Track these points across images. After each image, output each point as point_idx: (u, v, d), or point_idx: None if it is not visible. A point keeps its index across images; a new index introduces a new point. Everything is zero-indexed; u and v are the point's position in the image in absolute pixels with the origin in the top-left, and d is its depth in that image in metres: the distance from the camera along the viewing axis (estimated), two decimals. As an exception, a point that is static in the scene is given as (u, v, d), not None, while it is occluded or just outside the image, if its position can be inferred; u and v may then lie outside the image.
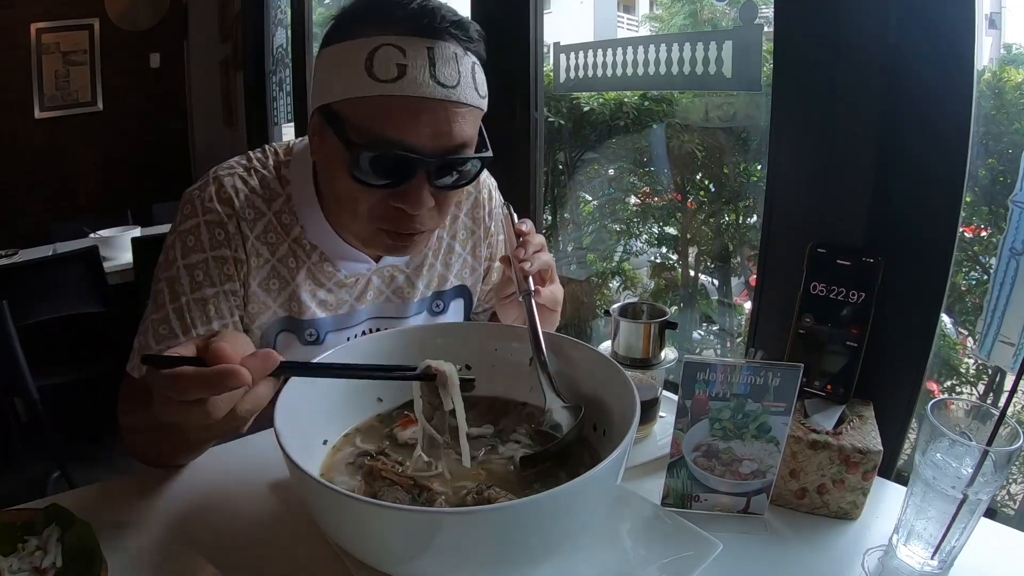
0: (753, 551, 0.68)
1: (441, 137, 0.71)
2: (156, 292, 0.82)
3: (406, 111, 0.69)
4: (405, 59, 0.69)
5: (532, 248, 0.81)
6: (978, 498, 0.58)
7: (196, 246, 0.80)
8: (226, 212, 0.81)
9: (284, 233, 0.85)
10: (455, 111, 0.71)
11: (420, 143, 0.70)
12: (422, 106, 0.69)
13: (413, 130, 0.70)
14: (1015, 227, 0.81)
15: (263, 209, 0.84)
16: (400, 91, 0.68)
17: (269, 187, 0.85)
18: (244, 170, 0.85)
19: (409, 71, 0.68)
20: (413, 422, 0.72)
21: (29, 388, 1.88)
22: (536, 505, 0.50)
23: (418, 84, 0.69)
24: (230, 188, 0.82)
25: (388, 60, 0.68)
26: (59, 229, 2.97)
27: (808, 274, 0.88)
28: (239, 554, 0.65)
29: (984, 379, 1.40)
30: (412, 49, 0.69)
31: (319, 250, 0.87)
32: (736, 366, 0.66)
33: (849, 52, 0.89)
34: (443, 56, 0.70)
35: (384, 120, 0.69)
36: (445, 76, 0.70)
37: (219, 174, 0.84)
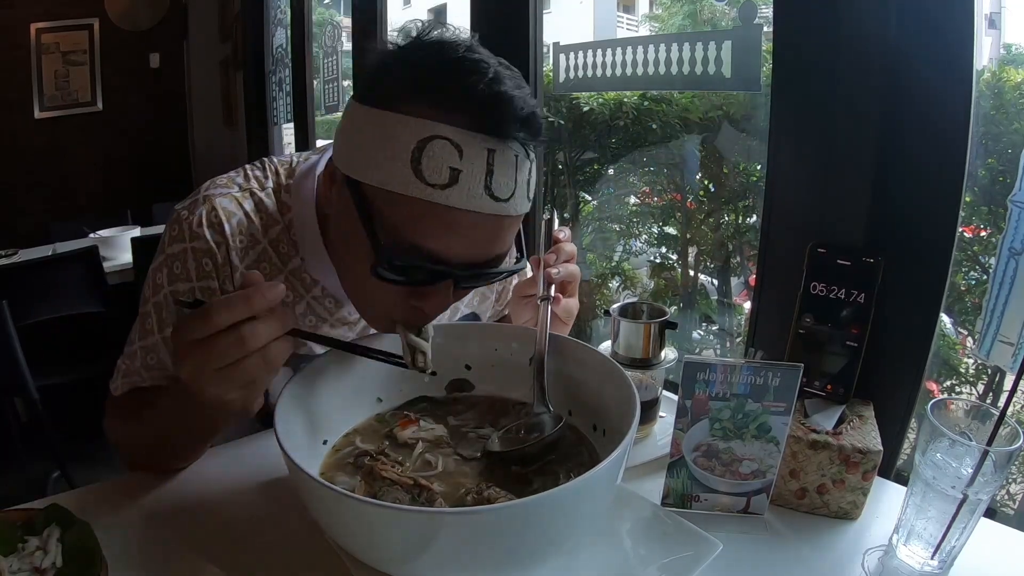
0: (753, 551, 0.68)
1: (480, 251, 0.63)
2: (144, 315, 0.80)
3: (449, 224, 0.60)
4: (460, 163, 0.58)
5: (563, 256, 0.80)
6: (978, 498, 0.58)
7: (182, 274, 0.77)
8: (215, 240, 0.75)
9: (280, 263, 0.79)
10: (503, 224, 0.63)
11: (457, 257, 0.62)
12: (467, 221, 0.60)
13: (453, 245, 0.61)
14: (1014, 227, 0.81)
15: (257, 237, 0.78)
16: (447, 201, 0.58)
17: (266, 212, 0.78)
18: (239, 191, 0.79)
19: (463, 179, 0.58)
20: (413, 422, 0.72)
21: (29, 388, 1.88)
22: (536, 505, 0.50)
23: (469, 196, 0.59)
24: (222, 212, 0.76)
25: (441, 160, 0.57)
26: (59, 229, 2.97)
27: (808, 274, 0.88)
28: (239, 554, 0.65)
29: (984, 379, 1.40)
30: (470, 150, 0.58)
31: (320, 285, 0.81)
32: (736, 366, 0.66)
33: (849, 52, 0.89)
34: (503, 163, 0.60)
35: (422, 229, 0.60)
36: (500, 188, 0.60)
37: (211, 194, 0.78)
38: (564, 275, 0.80)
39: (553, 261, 0.79)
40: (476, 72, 0.58)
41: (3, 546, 0.59)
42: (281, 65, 3.22)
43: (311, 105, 2.96)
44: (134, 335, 0.81)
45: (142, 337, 0.80)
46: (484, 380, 0.80)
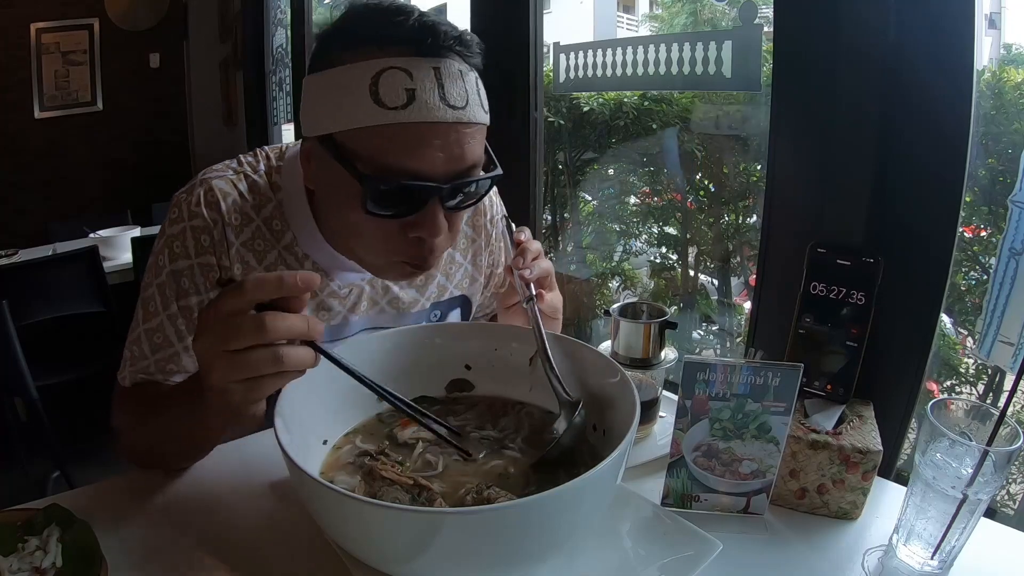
0: (753, 551, 0.68)
1: (453, 161, 0.68)
2: (146, 299, 0.81)
3: (418, 138, 0.66)
4: (413, 82, 0.65)
5: (530, 255, 0.81)
6: (978, 498, 0.58)
7: (182, 252, 0.79)
8: (212, 217, 0.79)
9: (274, 240, 0.83)
10: (465, 132, 0.68)
11: (434, 170, 0.67)
12: (434, 131, 0.66)
13: (428, 157, 0.66)
14: (1015, 227, 0.81)
15: (251, 215, 0.82)
16: (410, 118, 0.65)
17: (259, 192, 0.82)
18: (234, 173, 0.83)
19: (418, 95, 0.65)
20: (413, 422, 0.72)
21: (29, 388, 1.87)
22: (536, 505, 0.50)
23: (429, 108, 0.65)
24: (217, 192, 0.80)
25: (395, 85, 0.64)
26: (59, 229, 2.97)
27: (808, 274, 0.88)
28: (239, 554, 0.65)
29: (984, 379, 1.40)
30: (418, 71, 0.65)
31: (311, 260, 0.84)
32: (736, 366, 0.66)
33: (849, 52, 0.89)
34: (450, 75, 0.67)
35: (396, 150, 0.66)
36: (454, 97, 0.67)
37: (207, 177, 0.82)
38: (538, 272, 0.80)
39: (522, 264, 0.79)
40: (404, 12, 0.67)
41: (3, 546, 0.59)
42: (281, 65, 3.22)
43: (311, 105, 2.96)
44: (137, 320, 0.82)
45: (146, 320, 0.81)
46: (484, 380, 0.80)
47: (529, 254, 0.80)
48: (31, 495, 0.73)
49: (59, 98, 3.62)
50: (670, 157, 2.03)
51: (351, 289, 0.89)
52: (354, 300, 0.89)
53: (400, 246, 0.72)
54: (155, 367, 0.81)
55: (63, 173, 3.67)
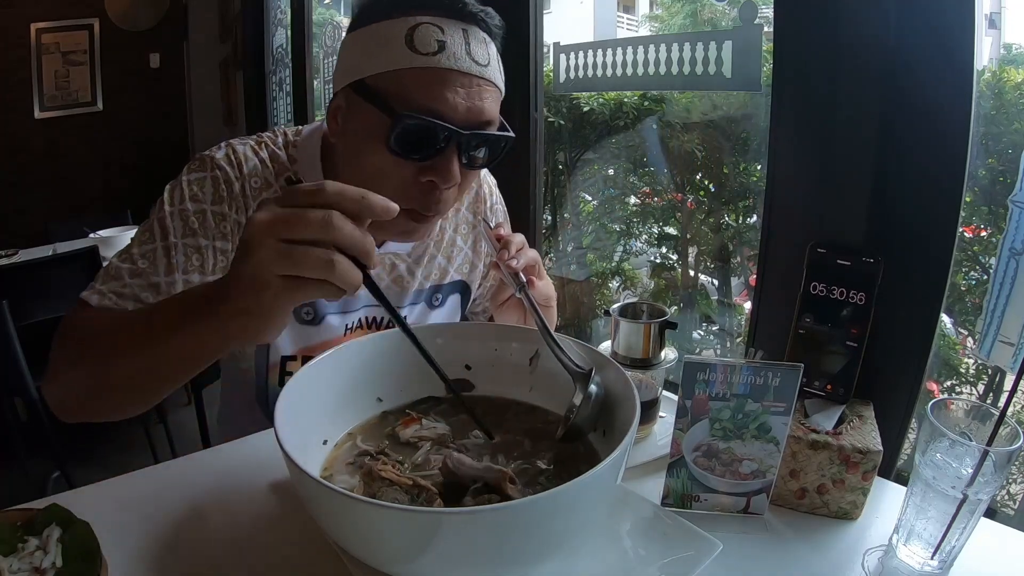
0: (753, 551, 0.68)
1: (473, 112, 0.74)
2: (143, 230, 0.81)
3: (446, 83, 0.72)
4: (444, 36, 0.73)
5: (515, 247, 0.81)
6: (978, 498, 0.58)
7: (198, 196, 0.81)
8: (234, 174, 0.82)
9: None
10: (487, 88, 0.76)
11: (456, 115, 0.73)
12: (460, 80, 0.73)
13: (451, 101, 0.73)
14: (1015, 227, 0.81)
15: (270, 180, 0.85)
16: (439, 64, 0.72)
17: (278, 161, 0.86)
18: (255, 143, 0.87)
19: (448, 46, 0.73)
20: (414, 421, 0.72)
21: (29, 388, 1.87)
22: (536, 505, 0.50)
23: (457, 58, 0.73)
24: (241, 154, 0.84)
25: (428, 35, 0.72)
26: (59, 229, 2.96)
27: (808, 274, 0.88)
28: (239, 554, 0.65)
29: (984, 379, 1.40)
30: (449, 28, 0.73)
31: None
32: (736, 366, 0.66)
33: (849, 52, 0.89)
34: (475, 38, 0.75)
35: (425, 90, 0.72)
36: (479, 55, 0.75)
37: (231, 142, 0.86)
38: (525, 261, 0.81)
39: (508, 255, 0.80)
40: None
41: (3, 546, 0.59)
42: (281, 65, 3.23)
43: (311, 105, 2.96)
44: (125, 248, 0.81)
45: (137, 245, 0.80)
46: (484, 380, 0.80)
47: (513, 246, 0.81)
48: (31, 495, 0.73)
49: (59, 98, 3.62)
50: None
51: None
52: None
53: (412, 191, 0.77)
54: (128, 291, 0.78)
55: (63, 173, 3.67)
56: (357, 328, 0.96)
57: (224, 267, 0.82)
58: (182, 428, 2.43)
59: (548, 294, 0.89)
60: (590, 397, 0.67)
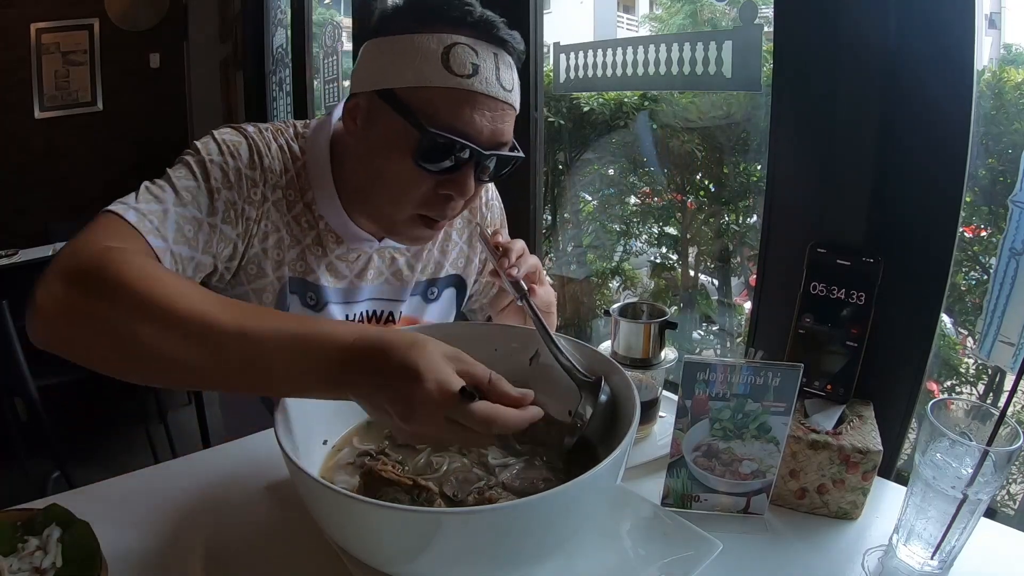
0: (753, 551, 0.68)
1: (496, 134, 0.77)
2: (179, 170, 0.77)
3: (475, 106, 0.75)
4: (478, 59, 0.75)
5: (515, 254, 0.82)
6: (978, 498, 0.58)
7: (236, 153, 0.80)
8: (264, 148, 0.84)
9: (300, 193, 0.87)
10: (508, 112, 0.79)
11: (480, 137, 0.76)
12: (488, 103, 0.76)
13: (478, 124, 0.75)
14: (1015, 227, 0.81)
15: (287, 166, 0.87)
16: (472, 87, 0.74)
17: (291, 151, 0.88)
18: (272, 129, 0.88)
19: (481, 70, 0.75)
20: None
21: (29, 388, 1.87)
22: (536, 505, 0.50)
23: (488, 83, 0.75)
24: (268, 133, 0.85)
25: (464, 58, 0.74)
26: (59, 229, 2.97)
27: (808, 274, 0.88)
28: (239, 554, 0.65)
29: (984, 379, 1.40)
30: (483, 51, 0.75)
31: (326, 221, 0.89)
32: (736, 366, 0.66)
33: (849, 52, 0.89)
34: (504, 63, 0.77)
35: (455, 111, 0.74)
36: (506, 81, 0.77)
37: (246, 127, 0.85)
38: (526, 269, 0.82)
39: (508, 264, 0.80)
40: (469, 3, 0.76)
41: (3, 546, 0.59)
42: (281, 65, 3.22)
43: (311, 105, 2.96)
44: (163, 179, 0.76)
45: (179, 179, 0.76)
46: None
47: (513, 253, 0.81)
48: (31, 495, 0.73)
49: (59, 98, 3.62)
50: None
51: (359, 255, 0.93)
52: (362, 266, 0.94)
53: (428, 200, 0.80)
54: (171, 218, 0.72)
55: (63, 173, 3.66)
56: (360, 321, 0.97)
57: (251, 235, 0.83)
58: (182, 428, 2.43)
59: (549, 300, 0.90)
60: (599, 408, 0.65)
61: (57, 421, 1.98)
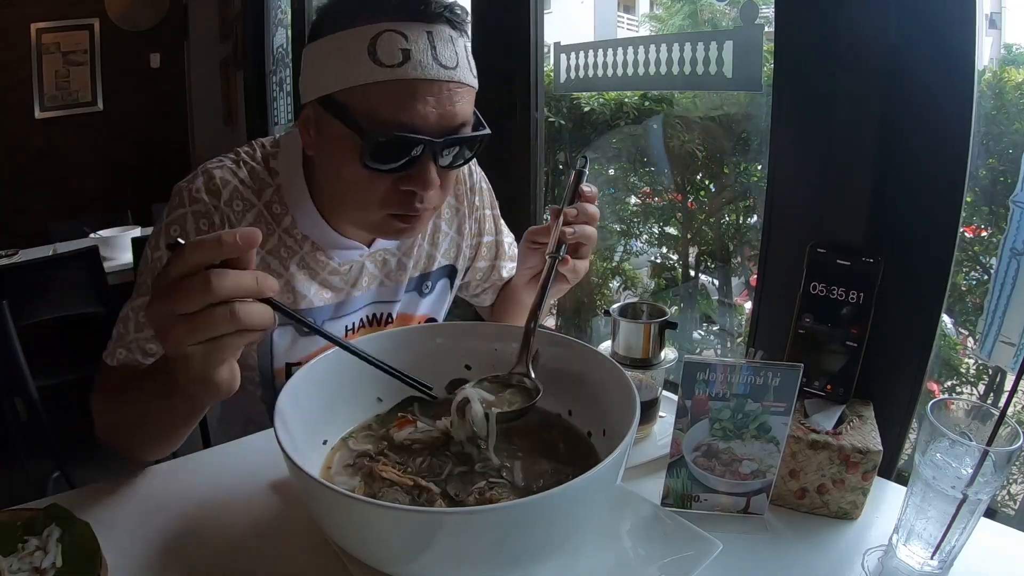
0: (753, 551, 0.68)
1: (445, 117, 0.73)
2: (140, 283, 0.83)
3: (413, 94, 0.71)
4: (408, 43, 0.70)
5: (583, 216, 0.81)
6: (978, 498, 0.58)
7: (180, 235, 0.80)
8: (212, 203, 0.81)
9: (275, 223, 0.85)
10: (457, 91, 0.73)
11: (427, 124, 0.72)
12: (428, 88, 0.71)
13: (421, 112, 0.71)
14: (1015, 227, 0.81)
15: (252, 200, 0.84)
16: (406, 75, 0.70)
17: (258, 177, 0.85)
18: (232, 163, 0.85)
19: (413, 54, 0.70)
20: (410, 423, 0.72)
21: (29, 388, 1.87)
22: (536, 505, 0.50)
23: (423, 67, 0.70)
24: (218, 179, 0.82)
25: (391, 45, 0.70)
26: (59, 229, 2.97)
27: (808, 274, 0.88)
28: (239, 554, 0.65)
29: (984, 379, 1.40)
30: (413, 33, 0.71)
31: (310, 240, 0.87)
32: (736, 366, 0.66)
33: (849, 52, 0.89)
34: (441, 39, 0.72)
35: (393, 104, 0.71)
36: (446, 58, 0.72)
37: (207, 167, 0.84)
38: (579, 236, 0.80)
39: (573, 217, 0.79)
40: None
41: (3, 546, 0.59)
42: (281, 65, 3.23)
43: (311, 105, 2.96)
44: (128, 302, 0.83)
45: (136, 298, 0.82)
46: (484, 380, 0.80)
47: (584, 215, 0.81)
48: (31, 495, 0.73)
49: (59, 98, 3.62)
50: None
51: (351, 266, 0.91)
52: (355, 276, 0.92)
53: (393, 199, 0.76)
54: (136, 345, 0.82)
55: (63, 173, 3.67)
56: (360, 328, 0.96)
57: None
58: (182, 428, 2.43)
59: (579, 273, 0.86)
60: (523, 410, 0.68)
61: (57, 421, 1.98)
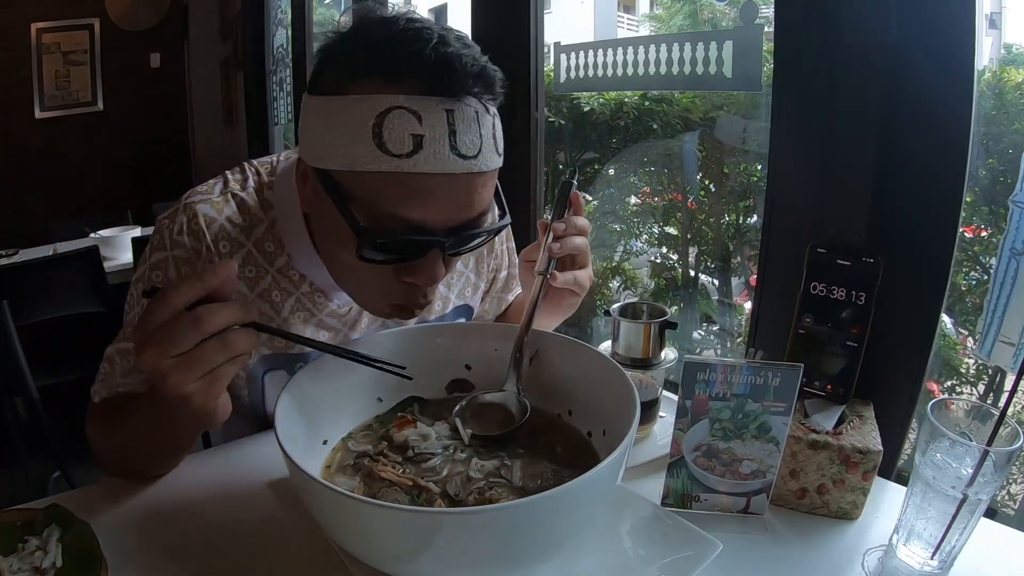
0: (753, 551, 0.68)
1: (459, 211, 0.63)
2: (128, 321, 0.81)
3: (423, 190, 0.60)
4: (421, 128, 0.58)
5: (571, 229, 0.77)
6: (978, 498, 0.58)
7: (161, 281, 0.76)
8: (194, 247, 0.74)
9: (267, 263, 0.79)
10: (477, 180, 0.63)
11: (437, 222, 0.62)
12: (440, 183, 0.60)
13: (431, 209, 0.61)
14: (1015, 227, 0.81)
15: (241, 240, 0.77)
16: (415, 168, 0.59)
17: (249, 212, 0.77)
18: (220, 195, 0.77)
19: (426, 143, 0.59)
20: (410, 423, 0.72)
21: (29, 388, 1.87)
22: (536, 505, 0.50)
23: (437, 159, 0.59)
24: (202, 218, 0.75)
25: (401, 130, 0.58)
26: (59, 229, 2.97)
27: (808, 274, 0.88)
28: (239, 554, 0.65)
29: (984, 379, 1.40)
30: (429, 114, 0.59)
31: (308, 280, 0.80)
32: (736, 366, 0.66)
33: (849, 52, 0.89)
34: (464, 119, 0.60)
35: (397, 200, 0.60)
36: (466, 145, 0.60)
37: (191, 201, 0.76)
38: (568, 250, 0.77)
39: (562, 231, 0.76)
40: (420, 39, 0.59)
41: (3, 546, 0.59)
42: (281, 65, 3.22)
43: (311, 105, 2.96)
44: (113, 343, 0.81)
45: (119, 341, 0.81)
46: (484, 380, 0.80)
47: (572, 227, 0.77)
48: (31, 495, 0.73)
49: (59, 98, 3.62)
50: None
51: (351, 308, 0.85)
52: (354, 318, 0.87)
53: (394, 289, 0.68)
54: (123, 387, 0.80)
55: (63, 173, 3.67)
56: None
57: None
58: (182, 428, 2.43)
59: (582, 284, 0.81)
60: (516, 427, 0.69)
61: (57, 421, 1.98)
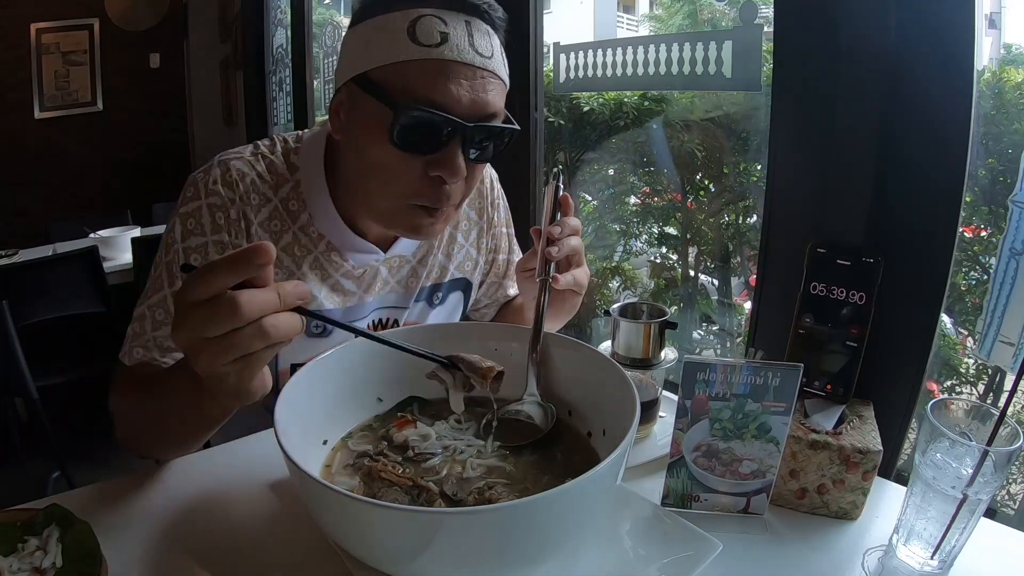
0: (753, 551, 0.68)
1: (477, 104, 0.73)
2: (155, 277, 0.82)
3: (448, 75, 0.71)
4: (447, 27, 0.72)
5: (567, 230, 0.81)
6: (978, 498, 0.58)
7: (196, 229, 0.80)
8: (229, 196, 0.81)
9: (290, 220, 0.85)
10: (491, 80, 0.75)
11: (459, 107, 0.72)
12: (463, 71, 0.72)
13: (454, 94, 0.72)
14: (1015, 227, 0.81)
15: (268, 195, 0.83)
16: (442, 55, 0.71)
17: (276, 172, 0.85)
18: (251, 155, 0.85)
19: (451, 38, 0.72)
20: (409, 423, 0.72)
21: (29, 388, 1.87)
22: (536, 505, 0.50)
23: (460, 50, 0.72)
24: (235, 172, 0.82)
25: (431, 27, 0.71)
26: (59, 229, 2.97)
27: (808, 274, 0.88)
28: (239, 554, 0.65)
29: (984, 379, 1.40)
30: (451, 19, 0.73)
31: (326, 240, 0.86)
32: (736, 366, 0.66)
33: (849, 52, 0.89)
34: (479, 30, 0.74)
35: (428, 83, 0.71)
36: (482, 47, 0.73)
37: (225, 158, 0.83)
38: (565, 252, 0.80)
39: (557, 234, 0.79)
40: None
41: (3, 546, 0.59)
42: (281, 65, 3.23)
43: (311, 105, 2.96)
44: (143, 297, 0.82)
45: (150, 295, 0.81)
46: (484, 380, 0.80)
47: (566, 228, 0.80)
48: (31, 495, 0.73)
49: (59, 98, 3.63)
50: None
51: (365, 270, 0.91)
52: (369, 281, 0.92)
53: (418, 186, 0.76)
54: (154, 343, 0.80)
55: (63, 173, 3.67)
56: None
57: None
58: (182, 428, 2.43)
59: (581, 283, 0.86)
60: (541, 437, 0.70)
61: (57, 421, 1.99)
